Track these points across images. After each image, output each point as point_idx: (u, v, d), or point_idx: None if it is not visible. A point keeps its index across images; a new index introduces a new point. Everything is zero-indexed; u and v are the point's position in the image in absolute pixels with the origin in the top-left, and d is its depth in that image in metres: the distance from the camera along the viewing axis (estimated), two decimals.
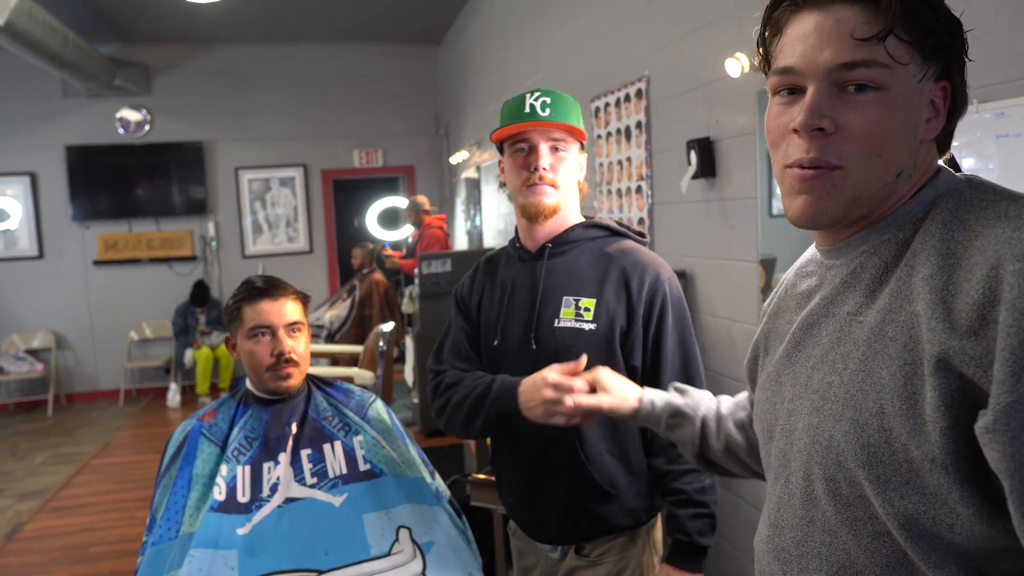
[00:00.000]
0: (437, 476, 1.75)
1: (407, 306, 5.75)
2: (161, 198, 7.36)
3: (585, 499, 1.52)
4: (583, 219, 1.61)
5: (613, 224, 1.61)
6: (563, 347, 1.49)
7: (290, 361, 1.64)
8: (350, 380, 1.99)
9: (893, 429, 0.69)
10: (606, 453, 1.52)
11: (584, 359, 1.33)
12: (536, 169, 1.50)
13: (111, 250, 7.29)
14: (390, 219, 8.13)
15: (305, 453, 1.61)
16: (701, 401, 1.18)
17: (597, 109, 3.64)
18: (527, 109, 1.50)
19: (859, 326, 0.75)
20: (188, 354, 6.89)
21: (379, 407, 1.77)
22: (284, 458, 1.59)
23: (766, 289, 2.39)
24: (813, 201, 0.76)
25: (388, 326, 4.17)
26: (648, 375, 1.52)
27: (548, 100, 1.50)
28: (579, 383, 1.28)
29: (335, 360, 5.65)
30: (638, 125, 3.24)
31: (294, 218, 7.73)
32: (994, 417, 0.60)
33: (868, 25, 0.71)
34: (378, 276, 6.53)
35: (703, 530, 1.49)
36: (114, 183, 7.20)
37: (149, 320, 7.39)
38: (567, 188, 1.55)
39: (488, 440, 2.82)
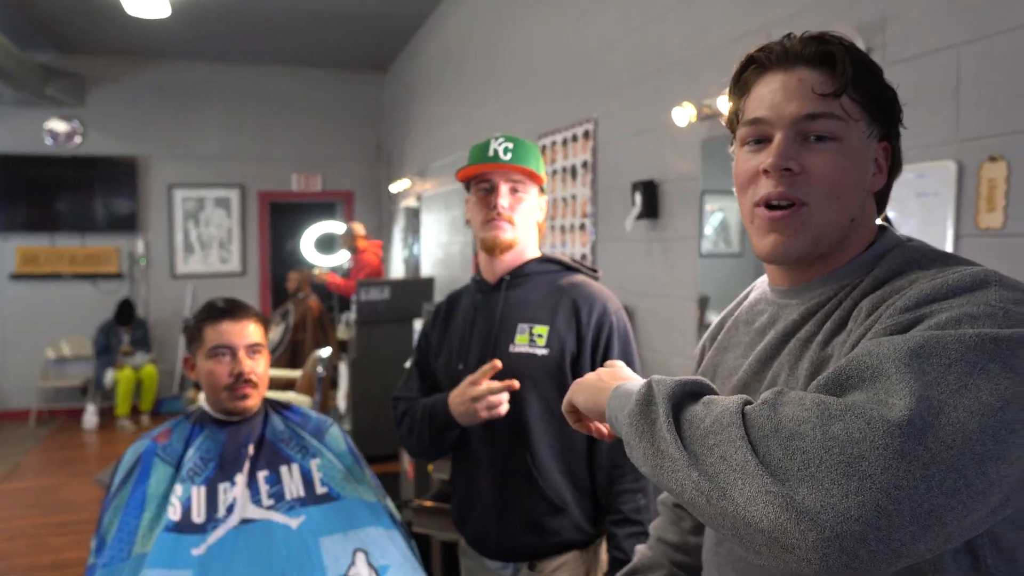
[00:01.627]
0: (390, 500, 1.77)
1: (343, 332, 5.71)
2: (88, 213, 7.11)
3: (539, 513, 1.60)
4: (540, 255, 1.74)
5: (567, 260, 1.75)
6: (517, 371, 1.60)
7: (248, 382, 1.66)
8: None
9: None
10: (556, 471, 1.61)
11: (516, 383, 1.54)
12: (495, 207, 1.62)
13: (30, 264, 7.00)
14: (326, 244, 8.07)
15: (262, 475, 1.62)
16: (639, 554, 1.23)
17: (544, 147, 3.76)
18: (491, 153, 1.64)
19: (812, 352, 0.84)
20: (109, 374, 6.63)
21: (336, 431, 1.79)
22: (240, 479, 1.59)
23: (703, 326, 2.52)
24: (783, 239, 0.86)
25: (326, 351, 4.15)
26: None
27: (511, 146, 1.64)
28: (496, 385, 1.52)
29: (269, 384, 5.54)
30: (584, 164, 3.36)
31: (228, 239, 7.59)
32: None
33: (826, 84, 0.83)
34: (313, 302, 6.46)
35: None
36: (38, 195, 6.93)
37: (68, 338, 7.09)
38: (524, 226, 1.68)
39: (430, 467, 2.88)
